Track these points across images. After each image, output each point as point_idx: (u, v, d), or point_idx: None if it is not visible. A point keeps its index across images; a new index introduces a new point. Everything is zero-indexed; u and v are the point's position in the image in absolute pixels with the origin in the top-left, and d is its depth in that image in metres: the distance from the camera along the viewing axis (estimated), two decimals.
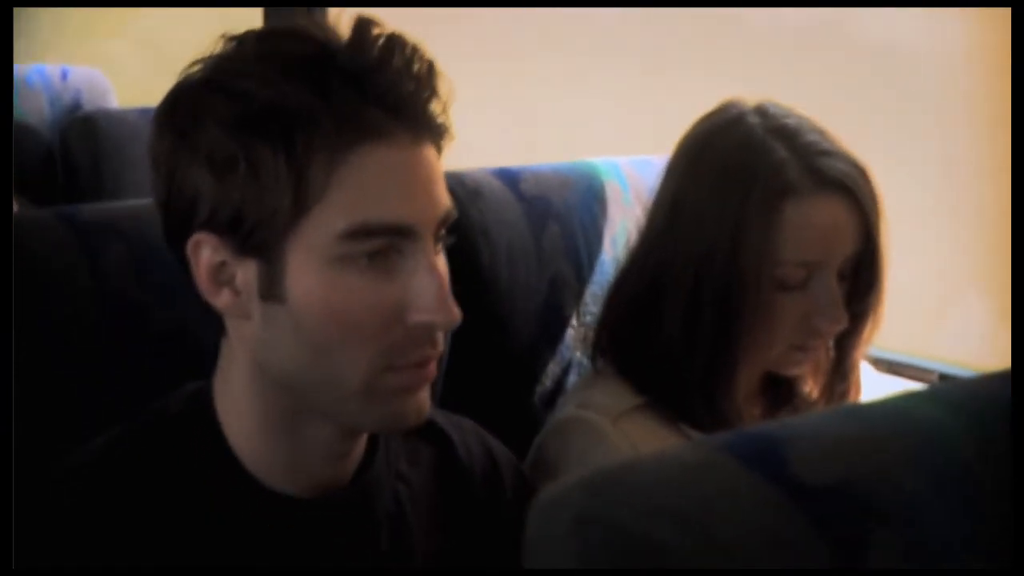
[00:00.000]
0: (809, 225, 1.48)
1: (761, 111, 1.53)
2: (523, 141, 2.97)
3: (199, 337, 1.30)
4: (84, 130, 2.91)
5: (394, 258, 1.15)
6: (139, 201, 1.47)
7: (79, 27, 4.46)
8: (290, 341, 1.16)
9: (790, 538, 0.60)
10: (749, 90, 1.59)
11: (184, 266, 1.18)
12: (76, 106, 3.46)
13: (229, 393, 1.22)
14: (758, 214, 1.47)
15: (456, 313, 1.16)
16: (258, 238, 1.13)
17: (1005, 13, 1.92)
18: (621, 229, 1.77)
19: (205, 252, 1.15)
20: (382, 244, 1.14)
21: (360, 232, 1.12)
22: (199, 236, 1.15)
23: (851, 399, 1.65)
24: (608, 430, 1.49)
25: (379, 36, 1.15)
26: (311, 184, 1.11)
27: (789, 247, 1.48)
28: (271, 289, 1.15)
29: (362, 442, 1.27)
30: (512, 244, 1.65)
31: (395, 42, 1.15)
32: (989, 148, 2.13)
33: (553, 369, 1.71)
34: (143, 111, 2.94)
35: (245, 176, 1.11)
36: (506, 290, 1.64)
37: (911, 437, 0.68)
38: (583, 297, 1.73)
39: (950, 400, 0.72)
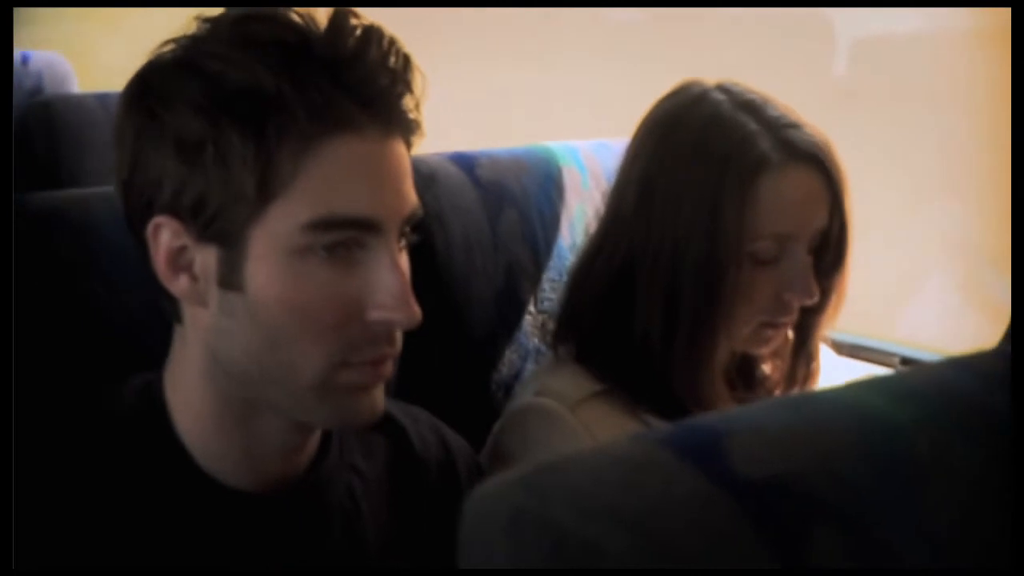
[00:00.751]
0: (783, 197, 1.48)
1: (723, 88, 1.53)
2: (484, 124, 2.96)
3: (148, 327, 1.28)
4: (42, 116, 2.87)
5: (356, 252, 1.14)
6: (86, 189, 1.45)
7: (47, 10, 4.43)
8: (246, 331, 1.15)
9: (729, 535, 0.59)
10: (715, 73, 1.58)
11: (143, 249, 1.16)
12: (37, 91, 3.43)
13: (181, 384, 1.21)
14: (734, 189, 1.47)
15: (417, 312, 1.15)
16: (220, 224, 1.12)
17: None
18: (579, 214, 1.76)
19: (165, 236, 1.14)
20: (345, 236, 1.13)
21: (324, 223, 1.11)
22: (160, 219, 1.14)
23: (812, 382, 1.65)
24: (567, 417, 1.48)
25: (357, 27, 1.13)
26: (278, 172, 1.10)
27: (765, 220, 1.48)
28: (230, 277, 1.13)
29: (316, 436, 1.26)
30: (467, 230, 1.64)
31: (372, 34, 1.14)
32: (956, 130, 2.13)
33: (510, 357, 1.69)
34: (101, 96, 2.91)
35: (212, 160, 1.10)
36: (461, 277, 1.63)
37: (857, 429, 0.66)
38: (540, 284, 1.71)
39: (898, 390, 0.71)
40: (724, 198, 1.46)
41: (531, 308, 1.70)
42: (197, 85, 1.11)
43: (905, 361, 1.93)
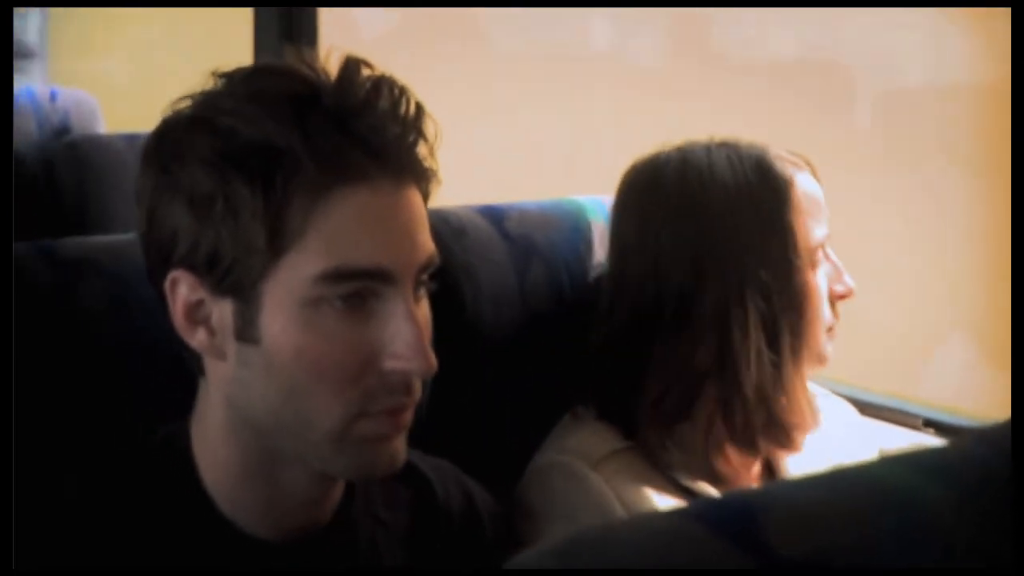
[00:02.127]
0: (814, 201, 1.55)
1: (687, 147, 1.56)
2: (502, 173, 2.97)
3: (176, 378, 1.29)
4: (70, 157, 2.88)
5: (371, 302, 1.14)
6: (118, 236, 1.46)
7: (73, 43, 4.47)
8: (263, 383, 1.15)
9: None
10: (734, 122, 1.60)
11: (163, 303, 1.17)
12: (64, 129, 3.43)
13: (205, 434, 1.22)
14: (787, 210, 1.52)
15: (433, 362, 1.15)
16: (234, 277, 1.13)
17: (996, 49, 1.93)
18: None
19: (182, 290, 1.15)
20: (359, 287, 1.13)
21: (336, 275, 1.12)
22: (177, 273, 1.15)
23: None
24: (589, 476, 1.48)
25: (367, 78, 1.14)
26: (289, 225, 1.11)
27: (813, 228, 1.54)
28: (246, 330, 1.14)
29: (340, 486, 1.26)
30: (496, 284, 1.64)
31: (382, 84, 1.14)
32: (977, 188, 2.13)
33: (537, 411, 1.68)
34: (129, 137, 2.91)
35: (223, 214, 1.11)
36: (489, 330, 1.63)
37: (890, 506, 0.67)
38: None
39: (929, 466, 0.71)
40: (781, 220, 1.51)
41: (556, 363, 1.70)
42: (208, 140, 1.12)
43: (928, 423, 1.93)
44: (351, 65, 1.15)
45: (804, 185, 1.54)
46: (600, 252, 1.75)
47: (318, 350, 1.13)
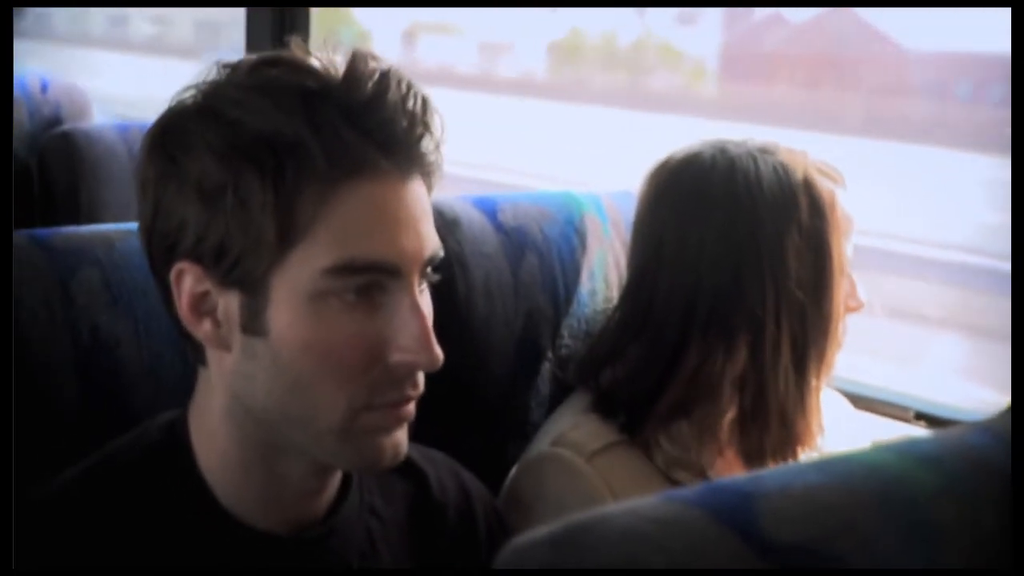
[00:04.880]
0: (850, 220, 1.56)
1: (729, 149, 1.55)
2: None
3: (173, 367, 1.28)
4: (62, 148, 2.87)
5: (377, 295, 1.14)
6: (112, 226, 1.46)
7: None
8: (269, 375, 1.15)
9: None
10: None
11: (166, 293, 1.17)
12: (55, 120, 3.41)
13: (205, 424, 1.22)
14: (829, 231, 1.52)
15: (438, 354, 1.16)
16: (242, 269, 1.13)
17: None
18: (599, 261, 1.76)
19: (188, 281, 1.15)
20: (366, 281, 1.13)
21: (345, 269, 1.12)
22: (183, 264, 1.14)
23: None
24: (582, 468, 1.48)
25: (374, 71, 1.14)
26: (298, 217, 1.11)
27: (847, 247, 1.55)
28: (253, 322, 1.14)
29: (337, 477, 1.26)
30: (489, 276, 1.64)
31: (390, 77, 1.15)
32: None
33: (529, 403, 1.69)
34: (121, 128, 2.91)
35: (232, 206, 1.11)
36: (482, 322, 1.63)
37: (883, 494, 0.67)
38: (560, 330, 1.71)
39: (925, 455, 0.71)
40: (828, 237, 1.52)
41: (549, 355, 1.70)
42: (217, 131, 1.12)
43: (919, 415, 1.93)
44: (358, 58, 1.15)
45: (843, 204, 1.54)
46: (592, 245, 1.75)
47: (325, 343, 1.13)
